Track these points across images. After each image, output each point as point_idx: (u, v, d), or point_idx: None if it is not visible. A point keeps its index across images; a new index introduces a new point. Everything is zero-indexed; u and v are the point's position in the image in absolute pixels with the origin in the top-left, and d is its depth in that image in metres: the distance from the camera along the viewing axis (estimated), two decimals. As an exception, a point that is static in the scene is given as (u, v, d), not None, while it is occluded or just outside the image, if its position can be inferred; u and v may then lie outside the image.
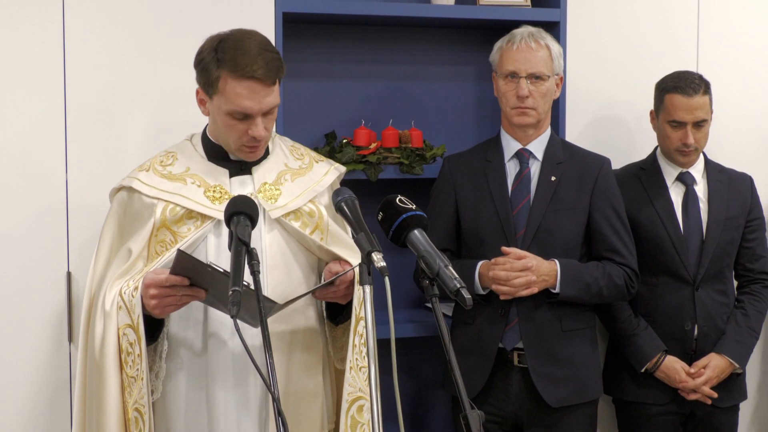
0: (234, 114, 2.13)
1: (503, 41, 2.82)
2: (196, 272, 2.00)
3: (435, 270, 1.78)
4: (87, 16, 2.67)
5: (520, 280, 2.66)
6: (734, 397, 3.07)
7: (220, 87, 2.12)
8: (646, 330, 2.97)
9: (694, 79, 2.97)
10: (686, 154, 3.00)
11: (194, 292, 2.03)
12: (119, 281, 2.13)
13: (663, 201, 3.02)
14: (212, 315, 2.17)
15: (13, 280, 2.63)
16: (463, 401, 1.69)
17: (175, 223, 2.18)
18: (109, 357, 2.09)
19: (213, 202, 2.18)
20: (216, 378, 2.17)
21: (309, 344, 2.27)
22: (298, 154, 2.37)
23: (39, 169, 2.65)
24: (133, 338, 2.07)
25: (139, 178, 2.23)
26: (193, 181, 2.22)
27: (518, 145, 2.83)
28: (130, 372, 2.08)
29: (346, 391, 2.19)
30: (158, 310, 2.06)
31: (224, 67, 2.11)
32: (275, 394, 1.72)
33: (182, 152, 2.28)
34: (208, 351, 2.18)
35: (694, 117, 2.95)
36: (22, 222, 2.63)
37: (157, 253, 2.18)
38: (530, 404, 2.77)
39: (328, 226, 2.28)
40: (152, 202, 2.19)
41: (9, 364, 2.63)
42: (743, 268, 3.11)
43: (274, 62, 2.14)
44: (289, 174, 2.30)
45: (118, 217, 2.26)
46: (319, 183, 2.32)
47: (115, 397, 2.08)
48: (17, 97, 2.63)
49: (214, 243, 2.19)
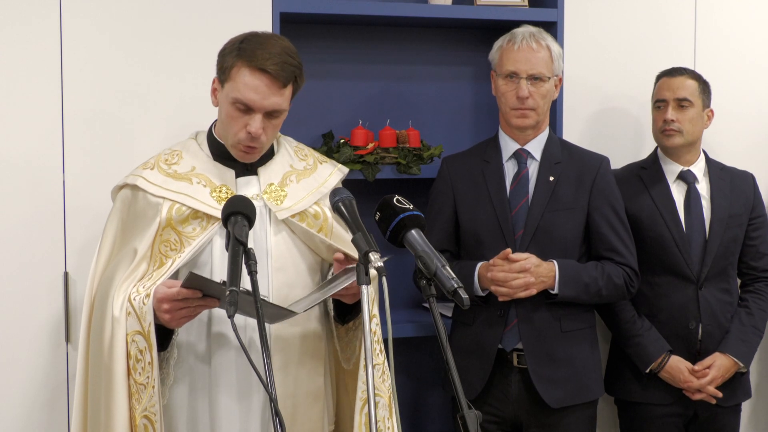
0: (237, 103, 2.13)
1: (504, 40, 2.81)
2: (209, 287, 1.99)
3: (432, 270, 1.78)
4: (84, 17, 2.66)
5: (519, 282, 2.65)
6: (738, 396, 3.06)
7: (233, 74, 2.13)
8: (650, 330, 2.97)
9: (685, 67, 3.06)
10: (669, 135, 3.00)
11: (208, 302, 2.03)
12: (126, 284, 2.11)
13: (665, 200, 3.02)
14: (216, 316, 2.15)
15: (10, 281, 2.63)
16: (461, 401, 1.69)
17: (181, 223, 2.16)
18: (118, 363, 2.07)
19: (219, 202, 2.16)
20: (219, 383, 2.16)
21: (312, 345, 2.25)
22: (303, 154, 2.37)
23: (37, 171, 2.64)
24: (144, 345, 2.06)
25: (143, 176, 2.21)
26: (199, 180, 2.20)
27: (516, 146, 2.83)
28: (140, 379, 2.07)
29: (359, 390, 2.17)
30: (174, 323, 2.05)
31: (242, 56, 2.12)
32: (272, 395, 1.71)
33: (187, 151, 2.27)
34: (212, 355, 2.17)
35: (675, 94, 2.99)
36: (20, 223, 2.63)
37: (161, 252, 2.16)
38: (530, 405, 2.76)
39: (332, 228, 2.28)
40: (158, 201, 2.17)
41: (6, 364, 2.63)
42: (747, 267, 3.10)
43: (290, 67, 2.15)
44: (294, 175, 2.29)
45: (121, 215, 2.24)
46: (324, 185, 2.31)
47: (124, 403, 2.07)
48: (15, 99, 2.62)
49: (220, 245, 2.17)
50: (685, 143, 3.02)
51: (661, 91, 3.03)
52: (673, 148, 3.03)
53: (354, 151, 2.98)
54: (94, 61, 2.67)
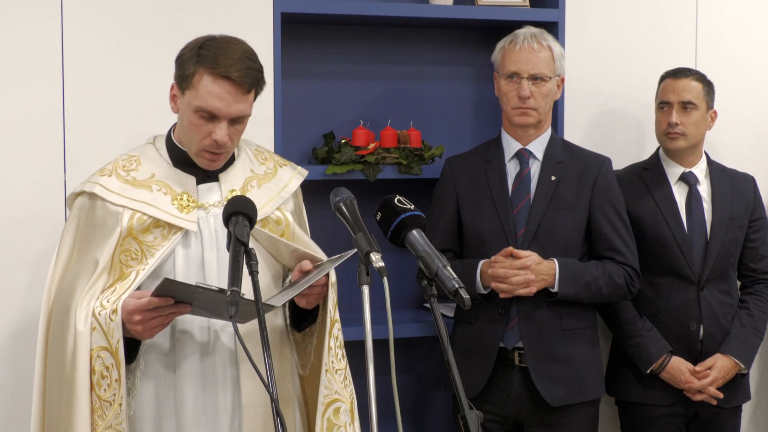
0: (201, 112, 2.08)
1: (506, 41, 2.82)
2: (183, 292, 1.97)
3: (433, 270, 1.78)
4: (85, 16, 2.66)
5: (519, 279, 2.66)
6: (738, 397, 3.06)
7: (194, 82, 2.08)
8: (651, 331, 2.97)
9: (689, 68, 3.04)
10: (673, 138, 2.99)
11: (180, 309, 2.00)
12: (88, 297, 2.06)
13: (667, 201, 3.01)
14: (180, 317, 2.10)
15: (11, 281, 2.62)
16: (462, 401, 1.69)
17: (142, 232, 2.11)
18: (80, 377, 2.01)
19: (181, 211, 2.13)
20: (185, 385, 2.13)
21: (281, 351, 2.24)
22: (263, 158, 2.32)
23: (37, 173, 2.64)
24: (111, 362, 2.01)
25: (101, 184, 2.14)
26: (159, 188, 2.15)
27: (518, 145, 2.83)
28: (104, 395, 2.02)
29: (321, 394, 2.15)
30: (147, 334, 2.01)
31: (203, 63, 2.07)
32: (274, 394, 1.70)
33: (146, 156, 2.22)
34: (176, 354, 2.13)
35: (680, 97, 2.98)
36: (20, 224, 2.63)
37: (122, 262, 2.11)
38: (531, 404, 2.77)
39: (294, 233, 2.26)
40: (117, 210, 2.12)
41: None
42: (747, 269, 3.10)
43: (253, 72, 2.11)
44: (255, 180, 2.25)
45: (78, 222, 2.18)
46: (285, 189, 2.28)
47: (86, 418, 2.01)
48: (16, 101, 2.62)
49: (183, 255, 2.14)
50: (688, 146, 3.02)
51: (666, 93, 3.02)
52: (676, 151, 3.03)
53: (355, 151, 2.98)
54: (95, 63, 2.67)
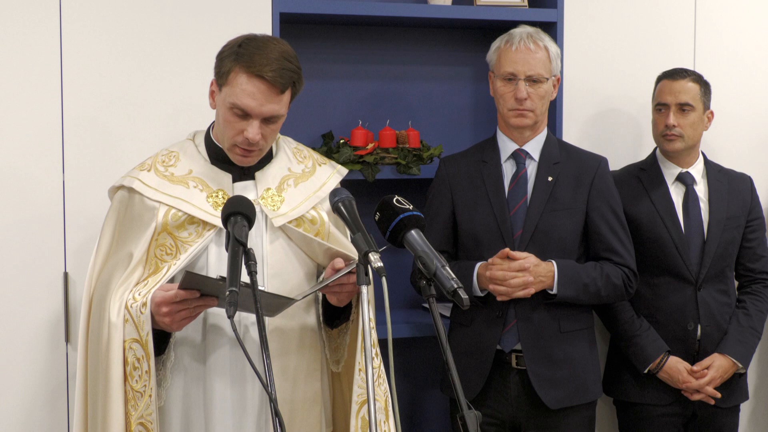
0: (235, 108, 2.11)
1: (501, 41, 2.81)
2: (206, 285, 1.99)
3: (432, 270, 1.78)
4: (84, 21, 2.66)
5: (517, 281, 2.65)
6: (736, 397, 3.07)
7: (230, 78, 2.11)
8: (649, 331, 2.97)
9: (686, 69, 3.04)
10: (670, 139, 3.00)
11: (206, 302, 2.02)
12: (122, 290, 2.11)
13: (664, 201, 3.02)
14: (211, 309, 2.14)
15: (10, 282, 2.63)
16: (460, 401, 1.69)
17: (177, 228, 2.15)
18: (115, 368, 2.07)
19: (216, 208, 2.16)
20: (214, 378, 2.16)
21: (310, 349, 2.25)
22: (302, 156, 2.35)
23: (36, 174, 2.64)
24: (141, 354, 2.05)
25: (140, 179, 2.20)
26: (196, 184, 2.19)
27: (515, 146, 2.83)
28: (136, 386, 2.07)
29: (355, 393, 2.16)
30: (174, 326, 2.04)
31: (239, 61, 2.10)
32: (272, 395, 1.71)
33: (185, 153, 2.25)
34: (207, 347, 2.16)
35: (677, 99, 2.98)
36: (20, 225, 2.63)
37: (157, 256, 2.15)
38: (528, 406, 2.76)
39: (329, 232, 2.27)
40: (154, 205, 2.16)
41: (6, 366, 2.62)
42: (744, 268, 3.11)
43: (289, 73, 2.13)
44: (292, 179, 2.27)
45: (117, 215, 2.23)
46: (322, 188, 2.29)
47: (120, 408, 2.07)
48: (15, 103, 2.62)
49: (216, 252, 2.17)
50: (685, 147, 3.02)
51: (663, 94, 3.02)
52: (673, 152, 3.03)
53: (354, 151, 2.98)
54: (94, 65, 2.67)
